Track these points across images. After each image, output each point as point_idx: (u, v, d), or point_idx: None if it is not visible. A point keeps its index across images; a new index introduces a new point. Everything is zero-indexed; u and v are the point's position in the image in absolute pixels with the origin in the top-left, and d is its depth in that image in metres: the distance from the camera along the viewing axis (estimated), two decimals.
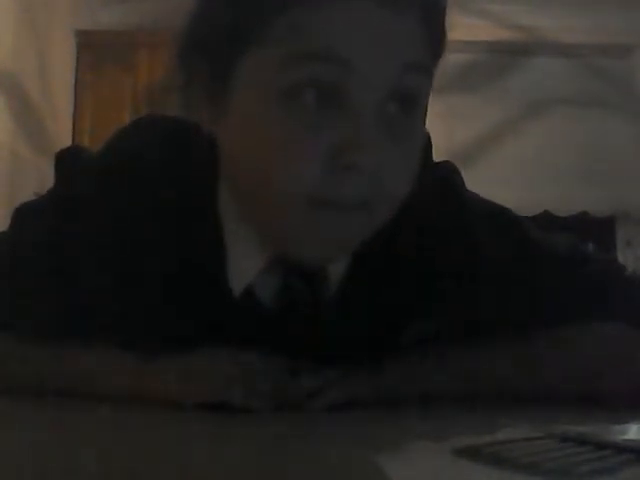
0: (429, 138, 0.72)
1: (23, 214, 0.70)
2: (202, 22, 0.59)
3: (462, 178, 0.71)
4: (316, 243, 0.58)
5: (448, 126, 3.53)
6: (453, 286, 0.66)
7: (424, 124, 0.60)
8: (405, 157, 0.57)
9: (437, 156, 0.73)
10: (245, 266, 0.64)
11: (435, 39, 0.58)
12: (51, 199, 0.69)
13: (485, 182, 0.97)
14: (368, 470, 0.39)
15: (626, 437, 0.44)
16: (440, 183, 0.68)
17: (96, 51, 3.53)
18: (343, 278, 0.66)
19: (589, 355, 0.64)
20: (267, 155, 0.55)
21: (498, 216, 0.69)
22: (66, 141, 3.42)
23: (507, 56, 3.80)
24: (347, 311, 0.66)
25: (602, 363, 0.64)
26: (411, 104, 0.57)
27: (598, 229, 3.59)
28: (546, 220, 3.43)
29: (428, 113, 0.60)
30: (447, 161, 0.71)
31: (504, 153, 3.71)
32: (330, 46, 0.53)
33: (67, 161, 0.70)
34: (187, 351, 0.60)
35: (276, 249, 0.63)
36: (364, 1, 0.53)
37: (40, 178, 2.86)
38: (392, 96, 0.55)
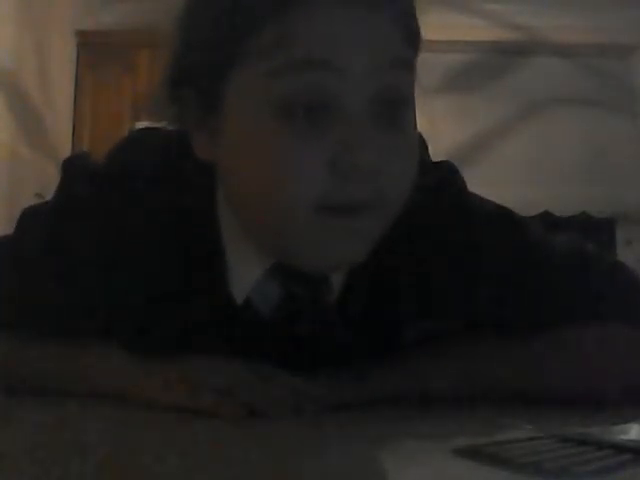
0: (422, 137, 0.72)
1: (27, 217, 0.71)
2: (187, 47, 0.60)
3: (462, 178, 0.70)
4: (324, 251, 0.57)
5: (448, 126, 3.53)
6: (453, 287, 0.66)
7: (415, 121, 0.61)
8: (402, 154, 0.57)
9: (437, 156, 0.73)
10: (245, 275, 0.65)
11: (411, 35, 0.59)
12: (55, 204, 0.70)
13: (485, 182, 0.97)
14: (368, 470, 0.39)
15: (626, 437, 0.44)
16: (440, 184, 0.68)
17: (96, 51, 3.53)
18: (343, 280, 0.66)
19: (589, 355, 0.64)
20: (268, 170, 0.56)
21: (499, 217, 0.69)
22: (66, 141, 3.42)
23: (507, 56, 3.80)
24: (348, 314, 0.66)
25: (602, 363, 0.64)
26: (400, 100, 0.57)
27: (598, 229, 3.59)
28: (546, 220, 3.43)
29: (428, 113, 0.61)
30: (446, 161, 0.71)
31: (504, 153, 3.71)
32: (315, 53, 0.54)
33: (73, 168, 0.70)
34: (180, 355, 0.60)
35: (282, 259, 0.63)
36: (341, 6, 0.54)
37: (40, 178, 2.86)
38: (381, 94, 0.56)
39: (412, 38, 0.59)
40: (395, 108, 0.57)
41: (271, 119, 0.55)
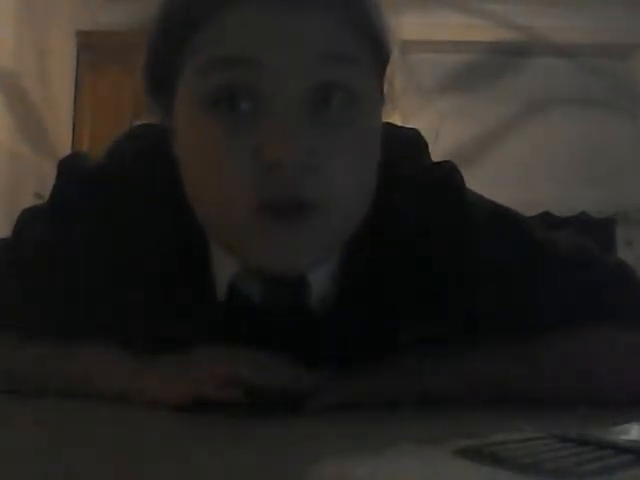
0: (422, 137, 0.72)
1: (24, 219, 0.71)
2: (148, 51, 0.61)
3: (462, 177, 0.70)
4: (274, 254, 0.57)
5: (448, 126, 3.53)
6: (453, 286, 0.66)
7: (376, 119, 0.60)
8: (351, 151, 0.56)
9: (437, 156, 0.73)
10: (223, 272, 0.65)
11: (365, 32, 0.58)
12: (51, 205, 0.70)
13: (485, 182, 0.97)
14: (368, 470, 0.39)
15: (626, 437, 0.44)
16: (440, 183, 0.68)
17: (96, 51, 3.53)
18: (340, 278, 0.66)
19: (590, 356, 0.64)
20: (200, 165, 0.57)
21: (499, 216, 0.69)
22: (66, 141, 3.42)
23: (507, 56, 3.80)
24: (345, 312, 0.66)
25: (603, 364, 0.64)
26: (348, 96, 0.56)
27: (598, 229, 3.59)
28: (546, 220, 3.43)
29: (428, 113, 0.60)
30: (447, 160, 0.71)
31: (504, 153, 3.71)
32: (235, 50, 0.55)
33: (68, 168, 0.71)
34: (179, 351, 0.61)
35: (240, 260, 0.63)
36: (267, 4, 0.55)
37: (40, 178, 2.86)
38: (319, 90, 0.55)
39: (366, 35, 0.58)
40: (342, 104, 0.56)
41: (201, 116, 0.56)
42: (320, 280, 0.64)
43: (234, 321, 0.65)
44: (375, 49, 0.59)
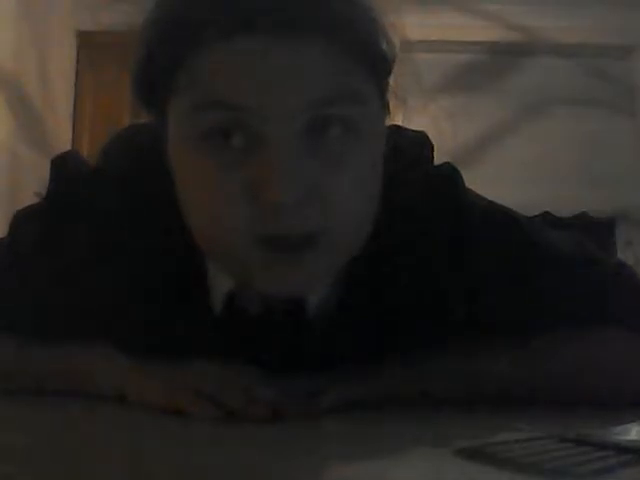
0: (429, 140, 0.72)
1: (20, 219, 0.71)
2: (136, 77, 0.62)
3: (462, 178, 0.70)
4: (273, 283, 0.57)
5: (448, 126, 3.53)
6: (453, 287, 0.66)
7: (378, 143, 0.59)
8: (352, 179, 0.55)
9: (438, 156, 0.73)
10: (219, 285, 0.65)
11: (368, 57, 0.56)
12: (47, 204, 0.70)
13: (485, 182, 0.97)
14: (368, 470, 0.39)
15: (626, 438, 0.44)
16: (439, 184, 0.68)
17: (96, 51, 3.52)
18: (339, 286, 0.65)
19: (589, 356, 0.64)
20: (195, 198, 0.56)
21: (499, 216, 0.69)
22: (66, 141, 3.42)
23: (507, 56, 3.79)
24: (345, 318, 0.66)
25: (603, 364, 0.64)
26: (347, 128, 0.55)
27: (598, 229, 3.58)
28: (546, 220, 3.42)
29: (428, 113, 0.60)
30: (447, 162, 0.71)
31: (504, 153, 3.71)
32: (230, 94, 0.53)
33: (63, 168, 0.71)
34: (179, 359, 0.60)
35: (237, 284, 0.63)
36: (254, 44, 0.52)
37: (40, 178, 2.86)
38: (317, 121, 0.54)
39: (365, 64, 0.56)
40: (341, 133, 0.55)
41: (193, 150, 0.55)
42: (319, 290, 0.65)
43: (231, 332, 0.65)
44: (378, 71, 0.58)
